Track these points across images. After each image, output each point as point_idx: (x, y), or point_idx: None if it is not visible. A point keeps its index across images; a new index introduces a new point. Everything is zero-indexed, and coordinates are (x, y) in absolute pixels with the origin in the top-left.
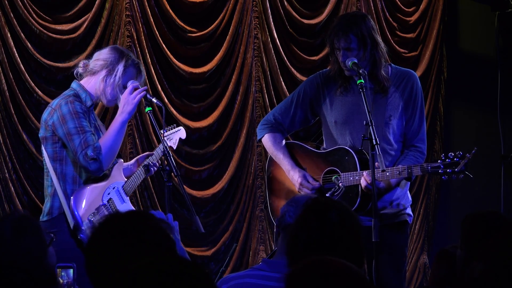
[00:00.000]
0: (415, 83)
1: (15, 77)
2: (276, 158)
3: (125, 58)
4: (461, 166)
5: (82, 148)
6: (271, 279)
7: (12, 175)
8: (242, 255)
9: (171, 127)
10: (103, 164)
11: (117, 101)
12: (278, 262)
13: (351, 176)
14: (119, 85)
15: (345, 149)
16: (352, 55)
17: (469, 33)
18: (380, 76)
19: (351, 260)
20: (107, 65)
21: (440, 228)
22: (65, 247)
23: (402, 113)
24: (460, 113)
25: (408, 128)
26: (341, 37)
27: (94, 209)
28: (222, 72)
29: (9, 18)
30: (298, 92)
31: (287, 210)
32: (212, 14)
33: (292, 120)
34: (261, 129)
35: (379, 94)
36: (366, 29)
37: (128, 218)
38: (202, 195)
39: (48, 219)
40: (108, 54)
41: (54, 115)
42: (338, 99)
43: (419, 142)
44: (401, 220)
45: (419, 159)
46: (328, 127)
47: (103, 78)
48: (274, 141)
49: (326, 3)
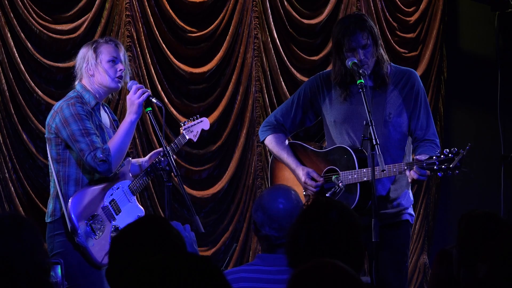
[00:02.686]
0: (416, 80)
1: (15, 77)
2: (281, 158)
3: (91, 44)
4: (455, 162)
5: (90, 150)
6: (266, 273)
7: (12, 175)
8: (242, 255)
9: (192, 118)
10: (112, 166)
11: (121, 81)
12: (272, 256)
13: (349, 174)
14: (103, 66)
15: (344, 148)
16: (367, 53)
17: (469, 33)
18: (382, 72)
19: (352, 260)
20: (83, 60)
21: (440, 228)
22: (64, 250)
23: (402, 110)
24: (460, 113)
25: (415, 124)
26: (358, 34)
27: (93, 211)
28: (222, 72)
29: (9, 18)
30: (299, 93)
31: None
32: (212, 14)
33: (293, 121)
34: (263, 131)
35: (378, 91)
36: (373, 26)
37: (147, 225)
38: (202, 195)
39: (51, 221)
40: (80, 52)
41: (57, 118)
42: (338, 99)
43: (432, 136)
44: (401, 220)
45: (436, 151)
46: (328, 127)
47: (87, 70)
48: (277, 141)
49: (326, 3)
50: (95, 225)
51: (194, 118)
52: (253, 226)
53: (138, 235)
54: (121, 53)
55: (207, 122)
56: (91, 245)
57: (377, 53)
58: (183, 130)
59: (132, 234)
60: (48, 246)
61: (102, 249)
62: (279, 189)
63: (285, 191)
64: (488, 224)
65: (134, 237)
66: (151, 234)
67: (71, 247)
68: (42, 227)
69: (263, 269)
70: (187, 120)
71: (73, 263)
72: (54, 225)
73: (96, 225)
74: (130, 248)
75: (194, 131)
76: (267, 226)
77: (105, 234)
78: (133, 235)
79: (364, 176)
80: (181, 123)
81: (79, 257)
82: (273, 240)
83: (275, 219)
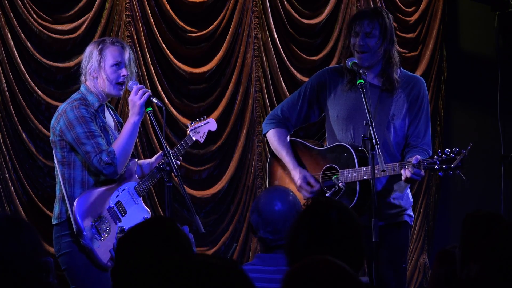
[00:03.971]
0: (422, 88)
1: (15, 77)
2: (280, 154)
3: (97, 43)
4: (457, 162)
5: (96, 152)
6: (265, 272)
7: (12, 175)
8: (242, 255)
9: (200, 119)
10: (118, 168)
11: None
12: (271, 256)
13: (349, 173)
14: (105, 71)
15: (344, 146)
16: (370, 42)
17: (469, 33)
18: (393, 75)
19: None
20: (87, 60)
21: (440, 228)
22: (71, 250)
23: (406, 115)
24: (460, 113)
25: (412, 130)
26: (366, 19)
27: (99, 213)
28: (222, 72)
29: (9, 18)
30: (305, 86)
31: (259, 223)
32: (212, 14)
33: (299, 114)
34: (267, 124)
35: (385, 93)
36: (389, 23)
37: (154, 226)
38: (202, 195)
39: (58, 223)
40: (86, 50)
41: (61, 121)
42: (343, 94)
43: (425, 146)
44: (400, 221)
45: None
46: (330, 122)
47: (91, 72)
48: (279, 136)
49: (326, 3)
50: (100, 226)
51: (201, 119)
52: (250, 227)
53: (145, 236)
54: (126, 56)
55: (214, 123)
56: (96, 246)
57: (387, 52)
58: (190, 131)
59: (139, 234)
60: (55, 246)
61: (107, 250)
62: (275, 192)
63: (282, 193)
64: (492, 224)
65: (141, 238)
66: (158, 235)
67: (77, 249)
68: (43, 228)
69: (262, 269)
70: (193, 121)
71: (79, 264)
72: (61, 227)
73: (102, 226)
74: (136, 248)
75: (201, 132)
76: (261, 229)
77: (110, 236)
78: (140, 236)
79: (364, 174)
80: (188, 124)
81: (84, 259)
82: (268, 243)
83: (270, 222)
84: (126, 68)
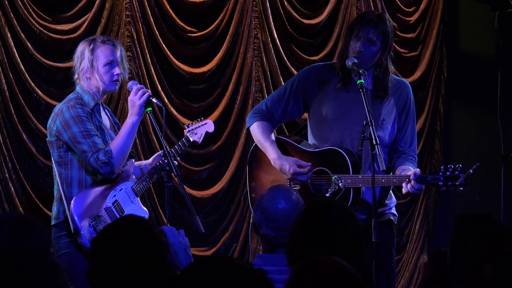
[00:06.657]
0: (409, 93)
1: (15, 77)
2: (263, 146)
3: (89, 42)
4: (461, 180)
5: (92, 152)
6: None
7: (12, 175)
8: (242, 255)
9: (197, 120)
10: (115, 167)
11: (118, 83)
12: (272, 256)
13: (349, 179)
14: (99, 71)
15: (337, 151)
16: (372, 49)
17: (469, 33)
18: (386, 83)
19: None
20: (79, 60)
21: (440, 228)
22: (70, 251)
23: (395, 120)
24: (460, 113)
25: (401, 136)
26: (372, 27)
27: (96, 212)
28: (222, 72)
29: (9, 18)
30: (292, 82)
31: (262, 220)
32: (212, 14)
33: (284, 110)
34: (251, 117)
35: (375, 98)
36: (391, 31)
37: (126, 226)
38: (202, 195)
39: (56, 224)
40: (77, 50)
41: (57, 121)
42: (332, 94)
43: (412, 152)
44: (385, 219)
45: (416, 166)
46: (316, 121)
47: (84, 73)
48: (263, 129)
49: (326, 3)
50: (98, 226)
51: (198, 120)
52: (253, 225)
53: (117, 236)
54: (118, 54)
55: (211, 125)
56: None
57: (383, 61)
58: (187, 132)
59: (111, 235)
60: (54, 247)
61: None
62: (279, 190)
63: (286, 192)
64: (481, 224)
65: (113, 238)
66: (130, 235)
67: (75, 249)
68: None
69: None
70: (191, 122)
71: (78, 264)
72: (59, 228)
73: (99, 226)
74: (109, 249)
75: (199, 133)
76: (264, 226)
77: None
78: (112, 236)
79: (360, 182)
80: (185, 125)
81: (83, 259)
82: (270, 240)
83: (273, 219)
84: (119, 66)
